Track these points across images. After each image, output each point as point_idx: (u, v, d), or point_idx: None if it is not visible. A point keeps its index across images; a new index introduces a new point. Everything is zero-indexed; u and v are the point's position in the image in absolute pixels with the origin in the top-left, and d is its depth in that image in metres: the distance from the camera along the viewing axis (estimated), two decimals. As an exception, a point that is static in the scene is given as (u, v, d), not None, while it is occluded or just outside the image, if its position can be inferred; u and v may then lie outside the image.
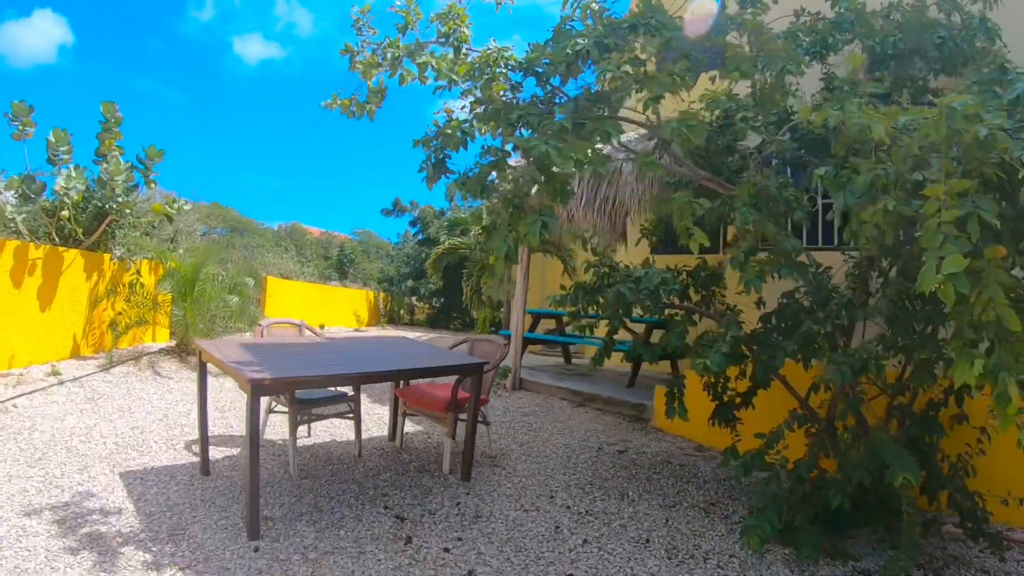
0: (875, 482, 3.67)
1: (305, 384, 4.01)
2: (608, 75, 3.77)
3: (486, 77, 4.65)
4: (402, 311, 26.03)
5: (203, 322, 8.38)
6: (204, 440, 4.35)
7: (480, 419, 5.22)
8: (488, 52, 4.83)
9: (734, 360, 3.98)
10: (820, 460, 4.15)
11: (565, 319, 10.82)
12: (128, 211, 8.04)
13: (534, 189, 3.84)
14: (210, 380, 7.18)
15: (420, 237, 27.16)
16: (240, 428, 5.72)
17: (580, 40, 4.05)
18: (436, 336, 20.42)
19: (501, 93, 4.60)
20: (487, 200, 4.39)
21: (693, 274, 5.43)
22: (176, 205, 8.49)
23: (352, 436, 5.49)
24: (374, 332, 19.55)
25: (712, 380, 4.85)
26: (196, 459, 4.67)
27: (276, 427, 5.57)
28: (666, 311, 4.95)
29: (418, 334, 20.51)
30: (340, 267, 29.41)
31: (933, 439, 4.17)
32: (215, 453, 4.85)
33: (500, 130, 4.19)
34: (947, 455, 4.30)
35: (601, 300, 4.79)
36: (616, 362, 11.64)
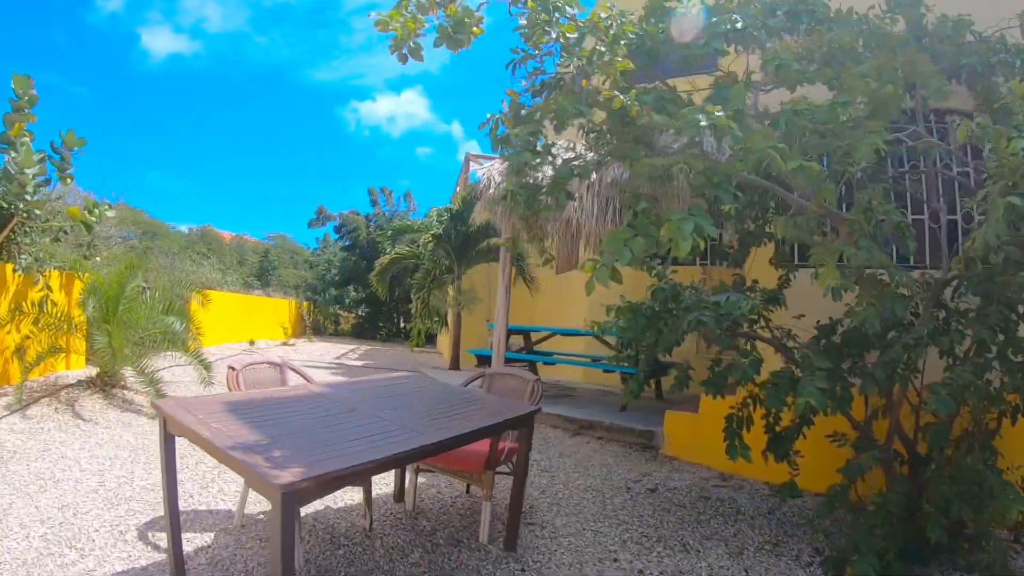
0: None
1: (354, 477, 2.74)
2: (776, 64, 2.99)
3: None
4: (327, 321, 24.46)
5: (129, 347, 6.90)
6: (174, 530, 2.99)
7: (507, 469, 4.21)
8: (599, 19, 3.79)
9: (830, 395, 3.51)
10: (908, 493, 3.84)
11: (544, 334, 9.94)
12: (38, 212, 6.48)
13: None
14: (142, 422, 6.09)
15: (346, 243, 25.63)
16: (210, 497, 4.40)
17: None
18: (371, 348, 19.13)
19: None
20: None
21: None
22: (97, 211, 6.93)
23: (349, 498, 4.45)
24: (304, 346, 18.00)
25: (764, 411, 4.31)
26: (161, 556, 3.31)
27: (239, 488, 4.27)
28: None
29: (347, 347, 19.12)
30: (262, 275, 27.40)
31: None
32: (185, 542, 3.51)
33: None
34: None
35: (664, 329, 4.15)
36: (595, 379, 10.89)
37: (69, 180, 6.60)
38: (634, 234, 2.72)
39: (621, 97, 3.11)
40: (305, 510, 4.14)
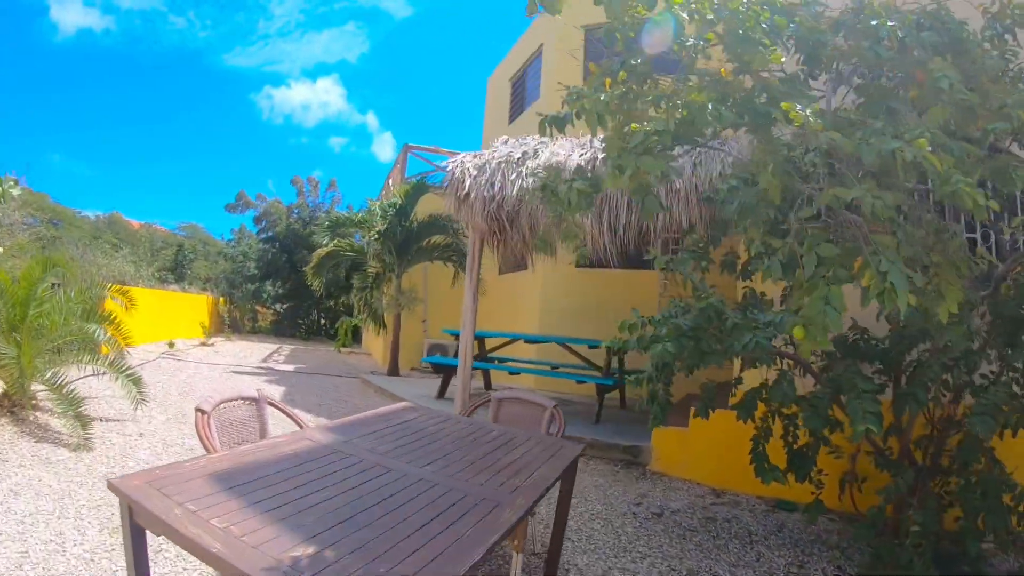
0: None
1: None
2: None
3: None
4: (244, 318, 22.96)
5: (42, 359, 5.84)
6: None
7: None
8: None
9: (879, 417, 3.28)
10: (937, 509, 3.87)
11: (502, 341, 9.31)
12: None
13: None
14: (63, 456, 4.94)
15: (266, 235, 24.06)
16: None
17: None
18: (294, 348, 17.94)
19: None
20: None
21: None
22: (1, 187, 5.78)
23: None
24: (224, 345, 16.66)
25: (783, 428, 4.30)
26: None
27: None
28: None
29: (269, 347, 17.91)
30: (176, 268, 25.47)
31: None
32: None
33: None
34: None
35: (707, 350, 3.76)
36: (546, 386, 10.35)
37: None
38: (827, 287, 2.13)
39: (802, 111, 2.46)
40: None
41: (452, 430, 3.29)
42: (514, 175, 6.86)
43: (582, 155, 6.80)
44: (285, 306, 24.61)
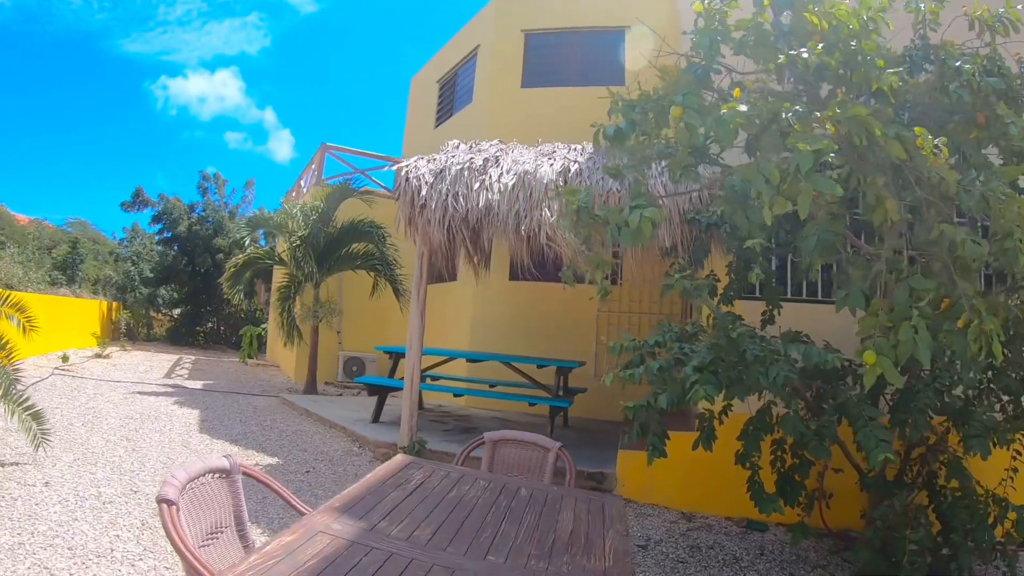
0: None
1: None
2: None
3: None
4: (138, 326, 21.23)
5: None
6: None
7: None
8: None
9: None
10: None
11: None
12: None
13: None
14: None
15: (166, 235, 22.23)
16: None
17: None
18: (196, 358, 16.60)
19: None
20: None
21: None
22: None
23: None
24: (121, 357, 15.26)
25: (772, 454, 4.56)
26: None
27: None
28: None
29: (168, 358, 16.59)
30: (68, 268, 23.18)
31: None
32: None
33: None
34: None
35: (733, 379, 3.61)
36: (477, 403, 9.96)
37: None
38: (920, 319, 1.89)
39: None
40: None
41: (477, 495, 2.79)
42: (477, 184, 6.39)
43: (551, 164, 6.43)
44: (182, 312, 22.92)
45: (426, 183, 6.48)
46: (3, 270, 13.26)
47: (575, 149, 7.23)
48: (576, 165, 6.49)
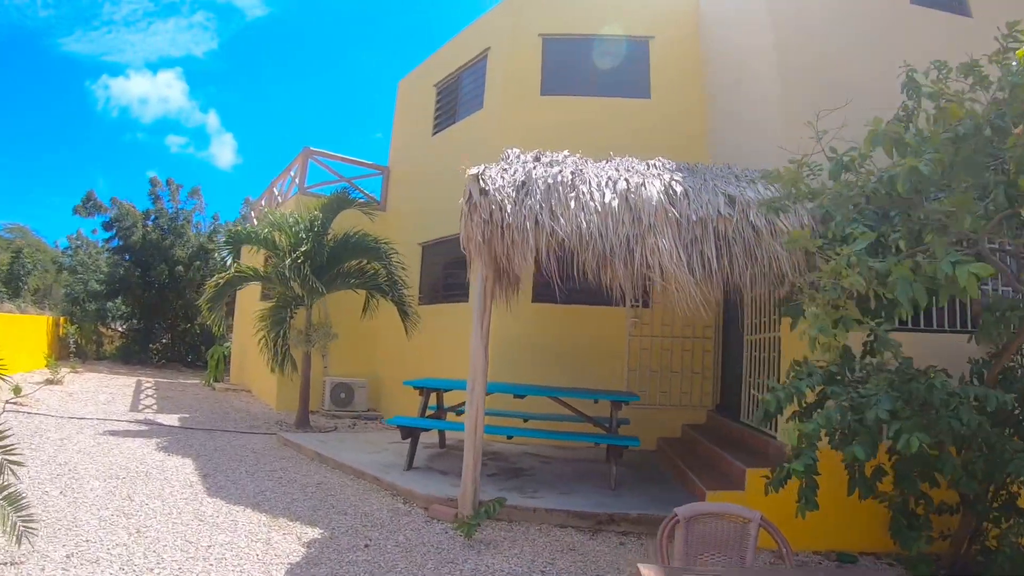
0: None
1: None
2: None
3: None
4: (88, 343, 19.23)
5: None
6: None
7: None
8: None
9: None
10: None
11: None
12: None
13: None
14: None
15: (116, 243, 20.14)
16: None
17: None
18: (156, 381, 14.79)
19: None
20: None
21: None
22: None
23: None
24: (73, 381, 13.52)
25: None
26: None
27: None
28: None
29: (125, 381, 14.86)
30: (12, 281, 20.84)
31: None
32: None
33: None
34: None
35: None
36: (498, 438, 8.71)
37: None
38: None
39: None
40: None
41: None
42: (572, 202, 5.27)
43: (654, 181, 5.41)
44: (134, 328, 20.86)
45: (509, 198, 5.32)
46: None
47: (656, 164, 6.24)
48: (678, 185, 5.48)
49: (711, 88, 9.83)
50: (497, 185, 5.46)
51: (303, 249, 9.36)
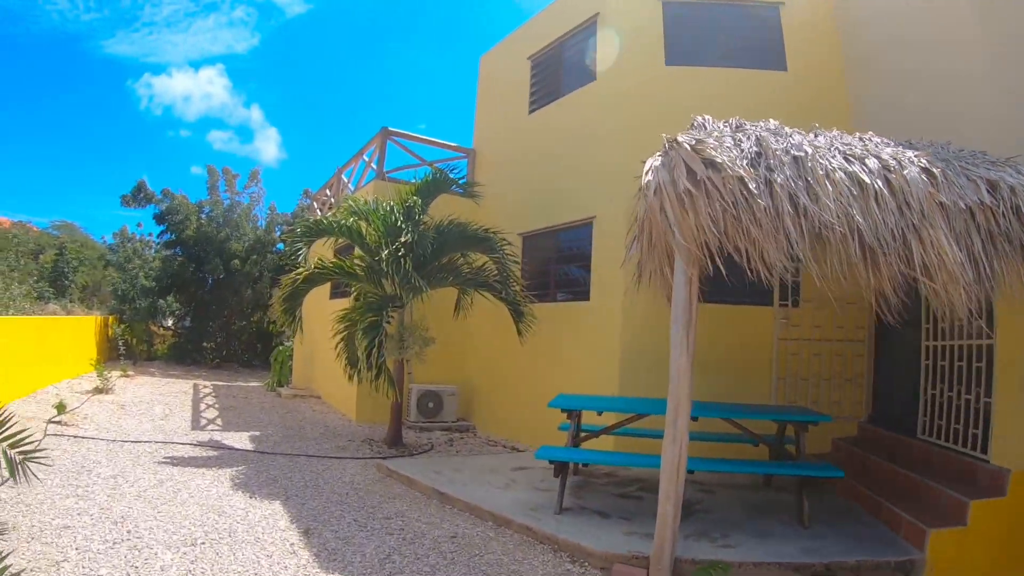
0: None
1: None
2: None
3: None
4: (139, 343, 17.78)
5: None
6: None
7: None
8: None
9: None
10: None
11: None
12: None
13: None
14: None
15: (169, 237, 18.66)
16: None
17: None
18: (214, 385, 13.12)
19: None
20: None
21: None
22: None
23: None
24: (124, 388, 11.97)
25: None
26: None
27: None
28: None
29: (180, 386, 13.30)
30: (57, 279, 19.54)
31: None
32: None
33: None
34: None
35: None
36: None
37: None
38: None
39: None
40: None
41: None
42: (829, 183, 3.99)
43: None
44: (187, 326, 19.41)
45: (749, 175, 3.99)
46: None
47: (870, 140, 4.88)
48: (932, 166, 4.30)
49: (851, 57, 8.41)
50: (730, 157, 4.10)
51: (403, 239, 7.61)
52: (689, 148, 4.22)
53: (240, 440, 8.39)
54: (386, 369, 7.45)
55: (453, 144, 11.87)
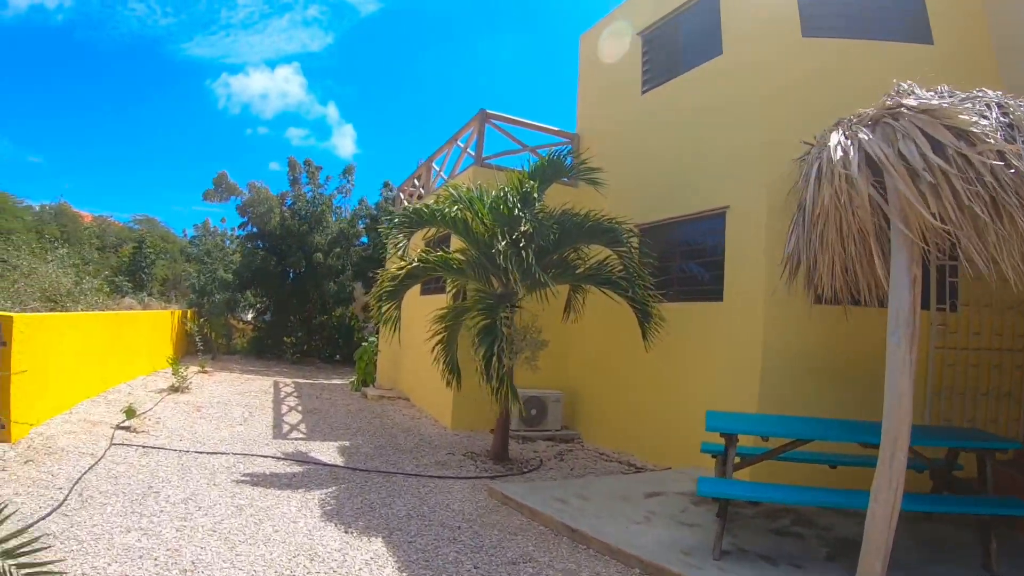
0: None
1: None
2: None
3: None
4: (218, 338, 17.30)
5: None
6: None
7: None
8: None
9: None
10: None
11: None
12: None
13: None
14: None
15: (250, 229, 18.19)
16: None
17: None
18: (295, 383, 12.33)
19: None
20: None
21: None
22: None
23: None
24: (202, 385, 11.31)
25: None
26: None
27: None
28: None
29: (260, 382, 12.58)
30: (134, 272, 19.37)
31: None
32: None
33: None
34: None
35: None
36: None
37: None
38: None
39: None
40: None
41: None
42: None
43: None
44: (267, 321, 18.90)
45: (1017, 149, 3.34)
46: (51, 282, 9.29)
47: None
48: None
49: (998, 29, 7.26)
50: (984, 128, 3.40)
51: (523, 229, 6.49)
52: (927, 115, 3.18)
53: (328, 451, 7.45)
54: (509, 379, 6.36)
55: (555, 128, 10.75)
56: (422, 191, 13.16)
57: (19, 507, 4.59)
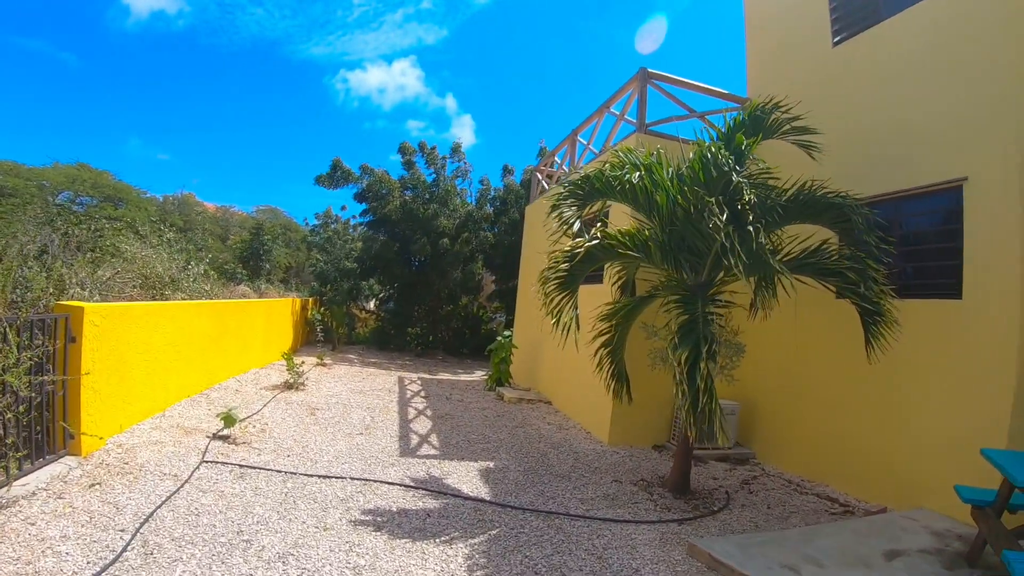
0: None
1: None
2: None
3: None
4: (339, 327, 16.48)
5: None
6: None
7: None
8: None
9: None
10: None
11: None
12: None
13: None
14: None
15: (369, 218, 17.24)
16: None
17: None
18: (421, 378, 10.94)
19: None
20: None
21: None
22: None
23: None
24: (320, 380, 10.25)
25: None
26: None
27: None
28: None
29: (384, 378, 11.38)
30: (252, 259, 19.03)
31: None
32: None
33: None
34: None
35: None
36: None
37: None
38: None
39: None
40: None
41: None
42: None
43: None
44: (392, 309, 17.94)
45: None
46: (148, 269, 8.38)
47: None
48: None
49: None
50: None
51: (747, 198, 4.75)
52: None
53: (468, 476, 6.02)
54: (714, 392, 4.68)
55: (724, 91, 8.88)
56: (565, 167, 11.57)
57: (60, 562, 3.40)
